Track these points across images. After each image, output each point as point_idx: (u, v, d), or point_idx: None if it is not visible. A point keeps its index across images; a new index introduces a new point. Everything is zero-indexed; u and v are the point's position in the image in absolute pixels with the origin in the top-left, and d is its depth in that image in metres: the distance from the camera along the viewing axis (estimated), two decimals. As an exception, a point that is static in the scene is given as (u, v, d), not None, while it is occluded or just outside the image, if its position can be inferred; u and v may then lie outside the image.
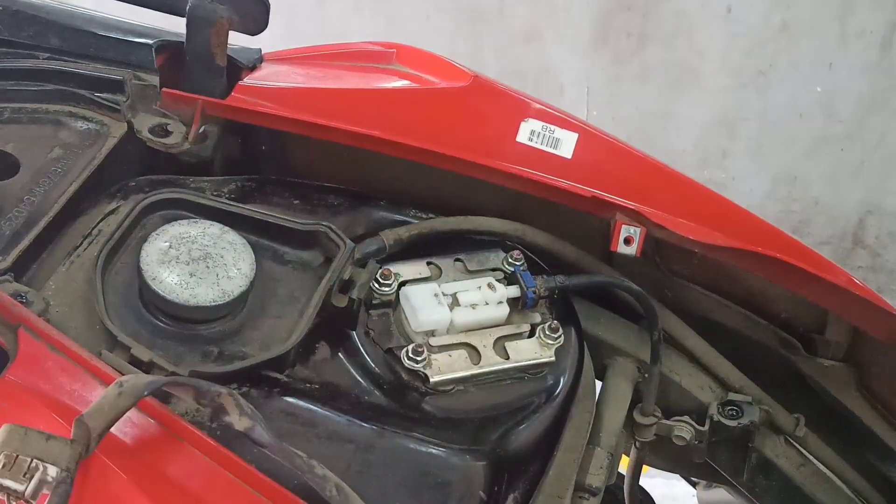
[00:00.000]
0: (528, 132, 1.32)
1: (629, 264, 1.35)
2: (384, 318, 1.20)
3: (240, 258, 1.13)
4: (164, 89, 1.29)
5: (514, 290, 1.24)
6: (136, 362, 1.04)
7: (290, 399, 1.09)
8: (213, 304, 1.10)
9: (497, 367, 1.18)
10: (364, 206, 1.32)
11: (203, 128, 1.29)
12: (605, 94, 3.24)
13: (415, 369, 1.15)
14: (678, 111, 3.21)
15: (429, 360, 1.16)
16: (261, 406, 1.03)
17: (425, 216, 1.33)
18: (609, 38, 3.16)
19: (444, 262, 1.27)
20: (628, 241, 1.29)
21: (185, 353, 1.09)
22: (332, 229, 1.20)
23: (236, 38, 1.30)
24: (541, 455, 1.19)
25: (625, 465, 1.53)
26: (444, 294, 1.21)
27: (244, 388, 1.07)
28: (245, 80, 1.33)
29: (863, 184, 3.21)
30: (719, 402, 1.40)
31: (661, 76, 3.18)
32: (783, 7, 3.02)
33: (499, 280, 1.25)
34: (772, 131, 3.18)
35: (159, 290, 1.08)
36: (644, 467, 1.60)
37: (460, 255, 1.28)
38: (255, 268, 1.13)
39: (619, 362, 1.39)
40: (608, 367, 1.40)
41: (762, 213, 1.36)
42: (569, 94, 3.25)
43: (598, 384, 1.35)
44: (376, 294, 1.20)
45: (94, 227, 1.17)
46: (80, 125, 1.26)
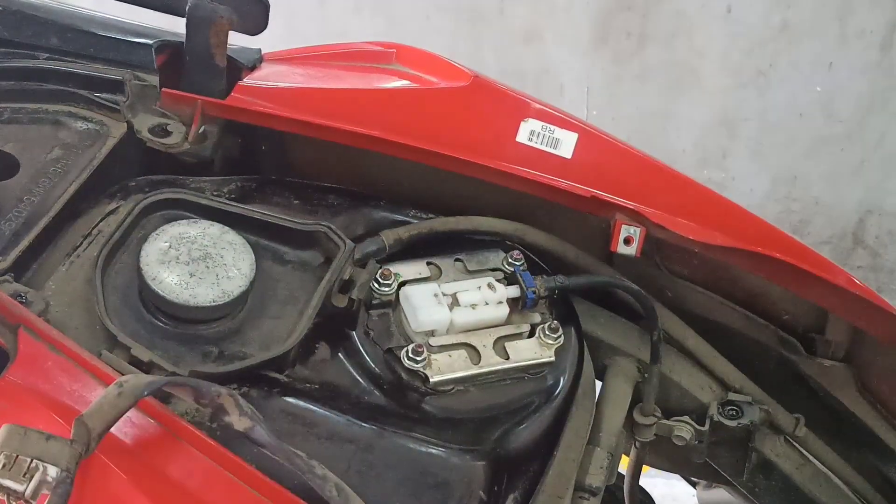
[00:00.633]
0: (528, 132, 1.32)
1: (629, 264, 1.35)
2: (384, 319, 1.20)
3: (240, 258, 1.13)
4: (163, 89, 1.29)
5: (513, 291, 1.24)
6: (136, 362, 1.04)
7: (289, 399, 1.09)
8: (212, 304, 1.09)
9: (497, 367, 1.18)
10: (364, 206, 1.32)
11: (203, 128, 1.29)
12: (604, 94, 3.24)
13: (415, 369, 1.15)
14: (678, 111, 3.21)
15: (429, 361, 1.16)
16: (261, 406, 1.03)
17: (425, 216, 1.33)
18: (609, 38, 3.16)
19: (444, 263, 1.27)
20: (628, 241, 1.29)
21: (184, 353, 1.09)
22: (332, 229, 1.20)
23: (236, 38, 1.30)
24: (541, 455, 1.19)
25: (625, 465, 1.53)
26: (444, 294, 1.21)
27: (244, 389, 1.07)
28: (245, 80, 1.33)
29: (863, 184, 3.21)
30: (719, 402, 1.40)
31: (661, 76, 3.17)
32: (783, 7, 3.01)
33: (499, 280, 1.25)
34: (772, 131, 3.18)
35: (159, 291, 1.08)
36: (644, 467, 1.61)
37: (460, 256, 1.28)
38: (255, 268, 1.13)
39: (618, 362, 1.39)
40: (608, 366, 1.39)
41: (762, 213, 1.35)
42: (569, 94, 3.25)
43: (598, 384, 1.35)
44: (376, 294, 1.20)
45: (94, 227, 1.17)
46: (80, 125, 1.26)
